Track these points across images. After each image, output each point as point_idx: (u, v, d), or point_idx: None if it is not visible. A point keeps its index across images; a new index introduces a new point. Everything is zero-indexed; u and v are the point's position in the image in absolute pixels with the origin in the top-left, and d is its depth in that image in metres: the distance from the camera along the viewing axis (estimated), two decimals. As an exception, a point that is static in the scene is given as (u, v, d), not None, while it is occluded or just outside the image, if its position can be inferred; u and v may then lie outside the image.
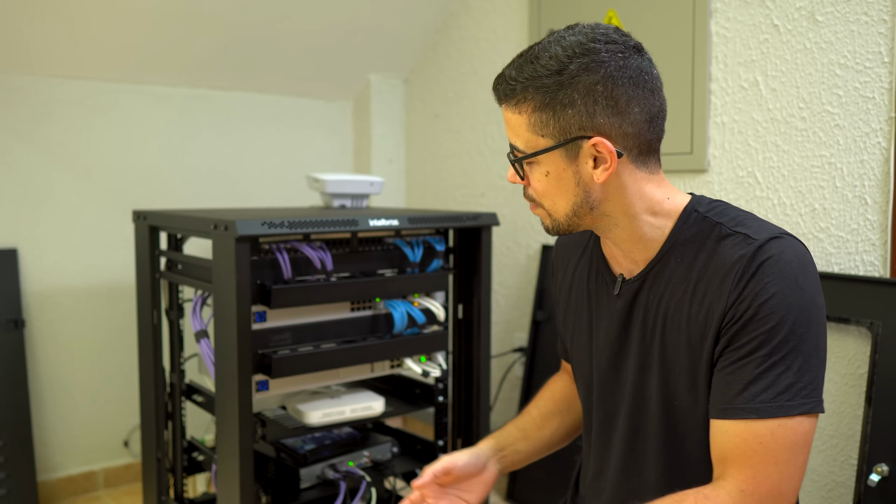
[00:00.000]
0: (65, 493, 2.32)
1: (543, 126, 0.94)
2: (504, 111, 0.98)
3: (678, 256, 0.99)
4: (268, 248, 1.50)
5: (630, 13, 1.99)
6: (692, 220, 1.00)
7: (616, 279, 1.06)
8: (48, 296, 2.26)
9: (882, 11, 1.52)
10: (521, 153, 0.97)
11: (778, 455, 0.87)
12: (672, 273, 0.99)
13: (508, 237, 2.44)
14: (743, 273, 0.92)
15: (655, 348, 1.00)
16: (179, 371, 1.74)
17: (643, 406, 1.02)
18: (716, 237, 0.97)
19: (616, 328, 1.06)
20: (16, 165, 2.19)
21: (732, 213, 1.00)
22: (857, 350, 1.57)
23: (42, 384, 2.27)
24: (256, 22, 2.32)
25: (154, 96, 2.41)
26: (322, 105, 2.79)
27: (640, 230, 1.00)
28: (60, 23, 2.07)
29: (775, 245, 0.92)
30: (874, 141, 1.54)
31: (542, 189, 0.98)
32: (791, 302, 0.89)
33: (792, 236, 0.95)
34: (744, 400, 0.89)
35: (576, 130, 0.93)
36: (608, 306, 1.08)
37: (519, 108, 0.95)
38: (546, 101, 0.93)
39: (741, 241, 0.94)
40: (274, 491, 1.61)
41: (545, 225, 1.04)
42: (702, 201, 1.02)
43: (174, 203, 2.42)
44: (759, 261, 0.91)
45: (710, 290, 0.94)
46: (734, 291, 0.92)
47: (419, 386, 1.85)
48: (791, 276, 0.90)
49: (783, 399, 0.87)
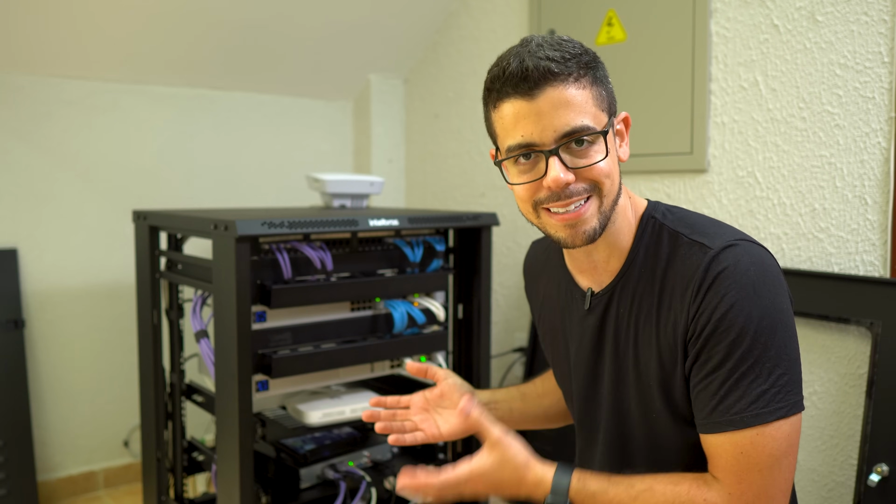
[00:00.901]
0: (65, 493, 2.32)
1: (601, 99, 0.93)
2: (560, 92, 0.90)
3: (642, 267, 0.99)
4: (268, 248, 1.50)
5: (630, 13, 1.99)
6: (650, 228, 1.00)
7: (585, 293, 1.05)
8: (48, 296, 2.26)
9: (882, 11, 1.52)
10: (599, 126, 0.91)
11: (760, 462, 0.87)
12: (637, 284, 0.99)
13: (508, 237, 2.44)
14: (700, 286, 0.91)
15: (629, 362, 1.00)
16: (179, 371, 1.74)
17: (623, 419, 1.03)
18: (674, 247, 0.96)
19: (589, 344, 1.05)
20: (16, 165, 2.19)
21: (689, 219, 0.99)
22: (857, 350, 1.57)
23: (42, 384, 2.27)
24: (257, 22, 2.31)
25: (154, 96, 2.41)
26: (322, 105, 2.79)
27: (619, 233, 1.00)
28: (60, 23, 2.07)
29: (730, 254, 0.91)
30: (874, 141, 1.54)
31: (609, 167, 0.93)
32: (750, 312, 0.88)
33: (750, 240, 0.94)
34: (719, 413, 0.89)
35: (615, 105, 0.96)
36: (580, 322, 1.07)
37: (580, 83, 0.91)
38: (597, 76, 0.93)
39: (697, 250, 0.93)
40: (274, 491, 1.61)
41: (588, 229, 0.95)
42: (658, 207, 1.02)
43: (174, 203, 2.42)
44: (715, 272, 0.90)
45: (674, 303, 0.94)
46: (693, 305, 0.91)
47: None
48: (748, 286, 0.89)
49: (757, 408, 0.87)
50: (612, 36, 2.03)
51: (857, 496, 1.49)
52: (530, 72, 0.89)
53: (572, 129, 0.90)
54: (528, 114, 0.90)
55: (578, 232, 0.94)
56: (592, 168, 0.92)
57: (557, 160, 0.90)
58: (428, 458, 1.81)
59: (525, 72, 0.89)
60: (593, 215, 0.94)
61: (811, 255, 1.65)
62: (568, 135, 0.90)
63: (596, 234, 0.95)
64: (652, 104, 1.93)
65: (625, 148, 0.99)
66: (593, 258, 1.02)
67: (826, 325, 1.60)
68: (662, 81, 1.91)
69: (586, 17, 2.10)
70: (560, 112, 0.89)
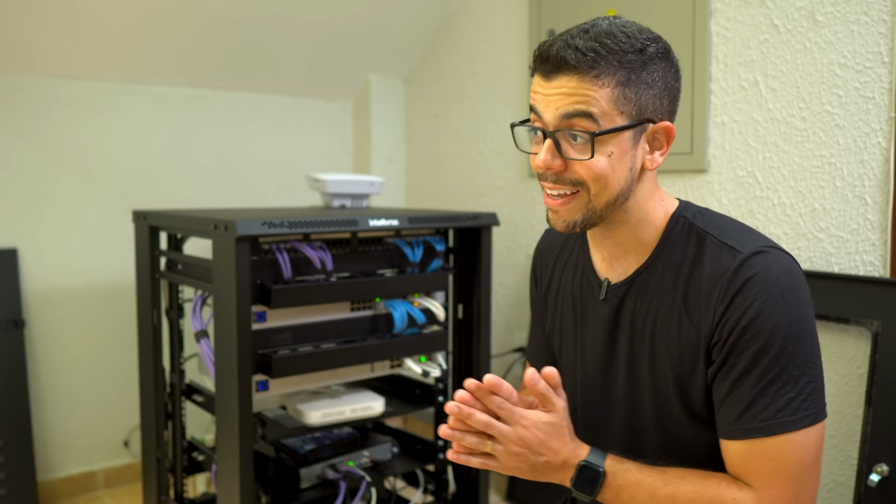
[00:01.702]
0: (65, 493, 2.32)
1: (626, 102, 0.91)
2: (573, 82, 0.90)
3: (665, 263, 0.99)
4: (268, 248, 1.50)
5: (630, 13, 1.99)
6: (679, 226, 0.99)
7: (602, 284, 1.05)
8: (48, 296, 2.26)
9: (882, 11, 1.52)
10: (596, 128, 0.90)
11: (790, 469, 0.87)
12: (659, 281, 0.99)
13: (508, 237, 2.44)
14: (728, 289, 0.91)
15: (645, 355, 1.00)
16: (179, 371, 1.74)
17: (637, 411, 1.03)
18: (702, 247, 0.96)
19: (603, 333, 1.05)
20: (16, 165, 2.19)
21: (719, 221, 0.99)
22: (857, 350, 1.57)
23: (42, 384, 2.27)
24: (256, 22, 2.31)
25: (154, 96, 2.41)
26: (322, 105, 2.79)
27: (641, 231, 1.00)
28: (60, 23, 2.07)
29: (761, 260, 0.91)
30: (874, 141, 1.54)
31: (599, 170, 0.92)
32: (779, 320, 0.88)
33: (779, 248, 0.94)
34: (746, 420, 0.89)
35: (649, 112, 0.94)
36: (594, 311, 1.07)
37: (602, 80, 0.89)
38: (632, 78, 0.91)
39: (727, 253, 0.93)
40: (274, 491, 1.61)
41: (569, 220, 0.96)
42: (689, 208, 1.02)
43: (174, 203, 2.43)
44: (744, 277, 0.90)
45: (698, 303, 0.94)
46: (720, 307, 0.91)
47: (419, 386, 1.85)
48: (777, 293, 0.89)
49: (785, 415, 0.87)
50: (612, 36, 2.02)
51: (857, 496, 1.49)
52: (551, 57, 0.91)
53: (569, 120, 0.91)
54: (542, 93, 0.94)
55: (558, 219, 0.97)
56: (581, 165, 0.92)
57: (551, 143, 0.93)
58: (428, 459, 1.81)
59: (548, 54, 0.92)
60: (576, 209, 0.95)
61: (811, 255, 1.65)
62: (565, 118, 0.91)
63: (576, 227, 0.97)
64: (652, 104, 1.93)
65: (656, 157, 0.96)
66: (614, 249, 1.03)
67: (826, 325, 1.60)
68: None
69: (586, 17, 2.07)
70: (565, 100, 0.91)
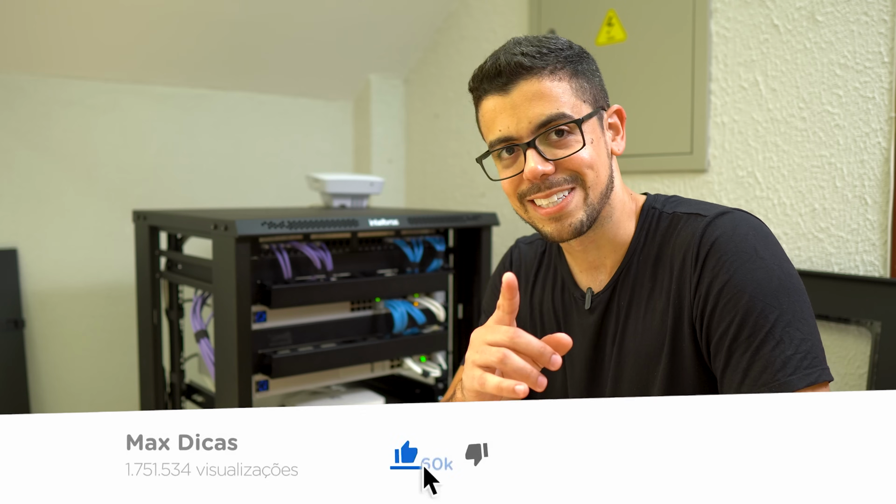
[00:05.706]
0: (65, 493, 2.32)
1: (583, 92, 0.94)
2: (534, 84, 0.91)
3: (641, 255, 0.98)
4: (268, 248, 1.50)
5: (630, 13, 1.99)
6: (651, 217, 0.99)
7: (584, 294, 1.04)
8: (48, 296, 2.26)
9: (882, 11, 1.52)
10: (568, 117, 0.91)
11: None
12: (637, 274, 0.98)
13: (508, 237, 2.44)
14: (697, 254, 0.90)
15: (630, 355, 0.98)
16: (179, 371, 1.74)
17: None
18: (671, 225, 0.97)
19: (589, 342, 1.03)
20: (16, 165, 2.19)
21: (690, 202, 1.00)
22: (857, 350, 1.57)
23: (42, 384, 2.27)
24: (256, 22, 2.31)
25: (154, 96, 2.41)
26: (322, 105, 2.79)
27: (619, 227, 0.99)
28: (60, 23, 2.07)
29: (727, 219, 0.90)
30: (874, 141, 1.54)
31: (590, 156, 0.92)
32: (756, 276, 0.86)
33: (745, 211, 0.93)
34: (747, 387, 0.86)
35: (601, 100, 0.96)
36: (580, 322, 1.05)
37: (557, 75, 0.91)
38: (577, 70, 0.94)
39: (693, 220, 0.93)
40: (274, 491, 1.60)
41: (574, 221, 0.93)
42: (658, 199, 1.02)
43: (174, 203, 2.42)
44: (711, 239, 0.89)
45: (674, 277, 0.93)
46: (693, 276, 0.90)
47: (419, 386, 1.85)
48: (749, 250, 0.87)
49: (785, 374, 0.83)
50: (612, 36, 2.03)
51: (857, 496, 1.49)
52: (503, 67, 0.91)
53: (547, 118, 0.91)
54: (504, 108, 0.92)
55: (564, 225, 0.94)
56: (572, 158, 0.92)
57: (534, 152, 0.91)
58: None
59: (498, 68, 0.92)
60: (578, 207, 0.94)
61: (811, 255, 1.65)
62: (543, 125, 0.91)
63: (583, 227, 0.94)
64: (652, 104, 1.93)
65: (619, 142, 0.99)
66: (593, 256, 1.01)
67: (826, 325, 1.60)
68: (662, 81, 1.91)
69: (586, 17, 2.10)
70: (534, 103, 0.91)
